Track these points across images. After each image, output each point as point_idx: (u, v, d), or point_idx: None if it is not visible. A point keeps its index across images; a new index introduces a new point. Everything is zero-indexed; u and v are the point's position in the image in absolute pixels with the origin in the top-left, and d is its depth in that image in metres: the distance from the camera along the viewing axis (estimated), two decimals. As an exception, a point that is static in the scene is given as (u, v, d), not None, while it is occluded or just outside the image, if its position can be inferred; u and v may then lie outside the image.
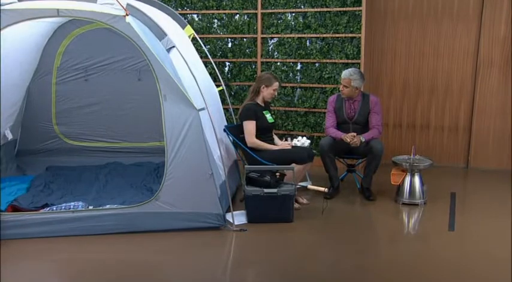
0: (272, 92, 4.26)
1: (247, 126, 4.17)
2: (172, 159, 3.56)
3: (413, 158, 4.46)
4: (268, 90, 4.24)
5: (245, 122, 4.17)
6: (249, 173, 3.98)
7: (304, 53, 5.53)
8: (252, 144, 4.15)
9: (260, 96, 4.28)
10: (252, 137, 4.16)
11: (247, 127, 4.17)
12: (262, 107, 4.31)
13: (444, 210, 4.27)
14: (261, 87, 4.23)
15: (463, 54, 5.56)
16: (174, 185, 3.59)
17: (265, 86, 4.23)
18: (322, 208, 4.11)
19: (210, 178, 3.60)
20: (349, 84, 4.50)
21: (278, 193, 3.83)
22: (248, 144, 4.16)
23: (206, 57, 5.13)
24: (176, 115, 3.53)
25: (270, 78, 4.24)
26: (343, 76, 4.52)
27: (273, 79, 4.24)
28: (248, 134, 4.16)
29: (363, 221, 4.07)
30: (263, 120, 4.25)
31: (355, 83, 4.49)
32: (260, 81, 4.24)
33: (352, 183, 4.95)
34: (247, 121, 4.17)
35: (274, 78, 4.28)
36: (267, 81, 4.23)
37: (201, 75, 4.25)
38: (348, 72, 4.53)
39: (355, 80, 4.49)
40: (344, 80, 4.52)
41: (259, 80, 4.27)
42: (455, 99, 5.67)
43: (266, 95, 4.27)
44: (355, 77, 4.49)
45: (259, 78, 4.27)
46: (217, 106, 4.59)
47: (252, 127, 4.16)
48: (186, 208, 3.64)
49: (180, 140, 3.54)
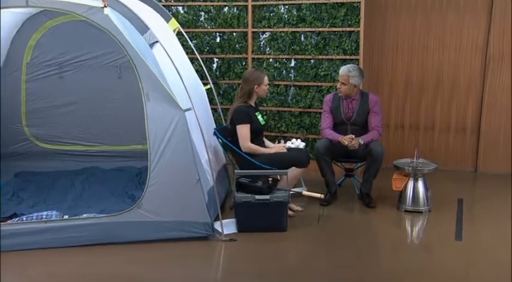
0: (265, 88, 4.33)
1: (242, 130, 4.20)
2: (156, 163, 3.59)
3: (416, 162, 4.52)
4: (261, 88, 4.30)
5: (239, 126, 4.21)
6: (239, 178, 4.02)
7: (299, 49, 5.59)
8: (246, 150, 4.20)
9: (254, 97, 4.32)
10: (247, 141, 4.20)
11: (242, 131, 4.20)
12: (254, 108, 4.37)
13: (450, 218, 4.32)
14: (254, 88, 4.27)
15: (471, 48, 5.62)
16: (158, 192, 3.63)
17: (257, 85, 4.27)
18: (318, 216, 4.16)
19: (197, 184, 3.63)
20: (347, 82, 4.56)
21: (271, 200, 3.88)
22: (243, 149, 4.20)
23: (192, 53, 5.18)
24: (160, 116, 3.57)
25: (259, 75, 4.29)
26: (341, 72, 4.59)
27: (261, 75, 4.29)
28: (243, 138, 4.20)
29: (362, 230, 4.13)
30: (256, 123, 4.30)
31: (354, 80, 4.55)
32: (250, 82, 4.27)
33: (351, 188, 5.00)
34: (241, 125, 4.20)
35: (261, 72, 4.34)
36: (257, 80, 4.27)
37: (186, 73, 4.29)
38: (346, 68, 4.59)
39: (354, 77, 4.55)
40: (342, 76, 4.58)
41: (248, 81, 4.28)
42: (462, 97, 5.74)
43: (262, 93, 4.33)
44: (354, 74, 4.55)
45: (248, 79, 4.29)
46: (204, 106, 4.64)
47: (246, 131, 4.20)
48: (170, 217, 3.67)
49: (164, 143, 3.58)
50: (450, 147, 5.86)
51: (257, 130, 4.30)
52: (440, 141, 5.88)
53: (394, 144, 5.96)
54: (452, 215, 4.39)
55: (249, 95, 4.28)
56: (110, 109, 5.28)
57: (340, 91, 4.61)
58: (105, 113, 5.29)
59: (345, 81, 4.56)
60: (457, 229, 4.06)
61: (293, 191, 4.27)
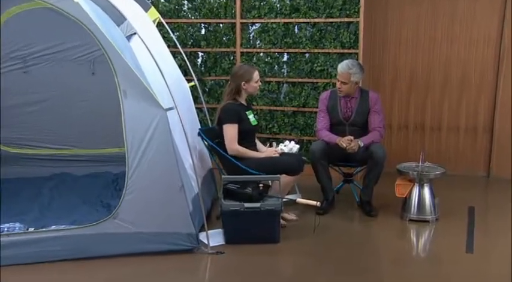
0: (255, 84, 4.33)
1: (228, 130, 4.21)
2: (135, 168, 3.60)
3: (422, 166, 4.56)
4: (250, 84, 4.30)
5: (225, 125, 4.22)
6: (226, 184, 4.04)
7: (292, 42, 5.63)
8: (233, 152, 4.21)
9: (243, 94, 4.35)
10: (234, 143, 4.21)
11: (228, 132, 4.21)
12: (245, 106, 4.39)
13: (460, 228, 4.35)
14: (241, 85, 4.29)
15: (482, 40, 5.66)
16: (137, 200, 3.63)
17: (245, 82, 4.28)
18: (313, 226, 4.17)
19: (180, 191, 3.65)
20: (348, 80, 4.58)
21: (261, 208, 3.90)
22: (229, 151, 4.21)
23: (175, 47, 5.19)
24: (139, 116, 3.58)
25: (247, 70, 4.30)
26: (341, 70, 4.59)
27: (250, 70, 4.30)
28: (229, 139, 4.21)
29: (363, 241, 4.16)
30: (246, 123, 4.32)
31: (355, 78, 4.58)
32: (238, 78, 4.29)
33: (350, 195, 5.02)
34: (228, 124, 4.21)
35: (251, 67, 4.35)
36: (245, 75, 4.28)
37: (168, 68, 4.31)
38: (345, 65, 4.60)
39: (355, 74, 4.57)
40: (342, 74, 4.59)
41: (235, 77, 4.30)
42: (473, 94, 5.79)
43: (251, 90, 4.34)
44: (355, 70, 4.57)
45: (235, 74, 4.32)
46: (188, 105, 4.66)
47: (233, 132, 4.21)
48: (151, 227, 3.68)
49: (143, 146, 3.59)
50: (460, 150, 5.91)
51: (247, 131, 4.32)
52: (449, 143, 5.93)
53: (397, 146, 6.00)
54: (462, 225, 4.42)
55: (237, 92, 4.30)
56: (82, 108, 5.27)
57: (341, 91, 4.64)
58: (77, 112, 5.28)
59: (346, 79, 4.58)
60: (467, 241, 4.09)
61: (286, 198, 4.29)
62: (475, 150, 5.90)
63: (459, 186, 5.49)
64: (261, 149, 4.49)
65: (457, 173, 5.72)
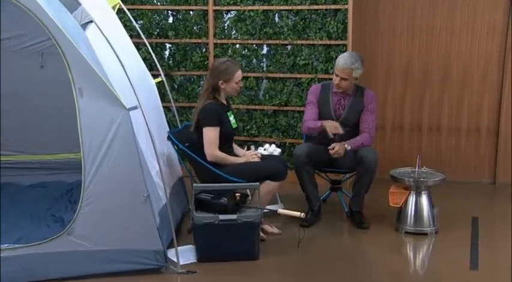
0: (235, 85, 4.33)
1: (209, 134, 4.22)
2: (92, 177, 3.59)
3: (419, 171, 4.62)
4: (230, 85, 4.30)
5: (206, 128, 4.22)
6: (199, 194, 4.05)
7: (272, 32, 5.66)
8: (213, 158, 4.23)
9: (222, 94, 4.35)
10: (214, 148, 4.23)
11: (209, 136, 4.22)
12: (226, 106, 4.40)
13: (463, 241, 4.39)
14: (219, 84, 4.29)
15: (486, 31, 5.73)
16: (95, 213, 3.61)
17: (223, 81, 4.28)
18: (297, 240, 4.16)
19: (145, 202, 3.64)
20: (349, 76, 4.60)
21: (238, 220, 3.92)
22: (208, 157, 4.23)
23: (138, 37, 5.18)
24: (97, 116, 3.57)
25: (229, 68, 4.29)
26: (343, 65, 4.58)
27: (232, 69, 4.30)
28: (209, 144, 4.22)
29: (353, 257, 4.19)
30: (227, 126, 4.34)
31: (357, 73, 4.62)
32: (216, 75, 4.29)
33: (338, 205, 5.04)
34: (209, 127, 4.22)
35: (234, 65, 4.34)
36: (225, 74, 4.27)
37: (131, 62, 4.30)
38: (348, 59, 4.60)
39: (358, 70, 4.60)
40: (343, 70, 4.59)
41: (214, 74, 4.31)
42: (476, 91, 5.85)
43: (230, 91, 4.35)
44: (358, 66, 4.60)
45: (214, 71, 4.33)
46: (154, 104, 4.67)
47: (214, 135, 4.22)
48: (111, 244, 3.66)
49: (102, 151, 3.58)
50: (461, 153, 5.98)
51: (227, 135, 4.34)
52: (449, 145, 5.99)
53: (391, 149, 6.05)
54: (465, 237, 4.47)
55: (214, 90, 4.31)
56: (30, 107, 5.20)
57: (340, 87, 4.67)
58: (24, 113, 5.21)
59: (347, 75, 4.60)
60: (471, 256, 4.13)
61: (266, 209, 4.31)
62: (478, 154, 5.96)
63: (461, 194, 5.55)
64: (239, 153, 4.51)
65: (458, 180, 5.76)
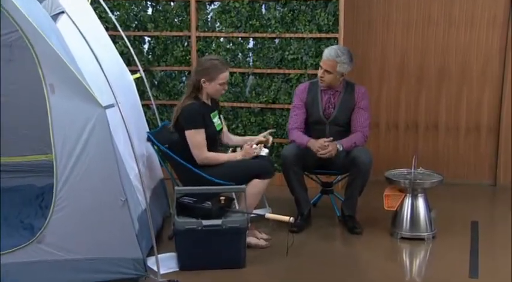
0: (218, 87, 4.30)
1: (195, 138, 4.22)
2: (65, 180, 3.56)
3: (415, 173, 4.62)
4: (211, 85, 4.27)
5: (190, 131, 4.21)
6: (181, 198, 4.05)
7: (259, 24, 5.66)
8: (204, 161, 4.23)
9: (203, 93, 4.33)
10: (203, 151, 4.23)
11: (195, 139, 4.22)
12: (209, 107, 4.38)
13: (462, 247, 4.41)
14: (201, 82, 4.27)
15: (486, 22, 5.75)
16: (68, 219, 3.59)
17: (206, 80, 4.25)
18: (286, 246, 4.17)
19: (123, 207, 3.62)
20: (333, 69, 4.61)
21: (223, 226, 3.91)
22: (199, 162, 4.23)
23: (115, 29, 5.17)
24: (71, 115, 3.54)
25: (215, 67, 4.26)
26: (327, 56, 4.60)
27: (219, 68, 4.26)
28: (197, 147, 4.23)
29: (345, 264, 4.19)
30: (211, 128, 4.33)
31: (342, 68, 4.62)
32: (199, 73, 4.27)
33: (329, 209, 5.05)
34: (192, 130, 4.21)
35: (222, 64, 4.30)
36: (209, 72, 4.24)
37: (107, 56, 4.29)
38: (333, 51, 4.62)
39: (343, 64, 4.61)
40: (327, 62, 4.60)
41: (197, 71, 4.30)
42: (475, 87, 5.88)
43: (212, 92, 4.32)
44: (344, 59, 4.60)
45: (198, 67, 4.32)
46: (133, 102, 4.66)
47: (201, 138, 4.22)
48: (86, 253, 3.65)
49: (77, 152, 3.55)
50: (460, 153, 6.01)
51: (212, 136, 4.34)
52: (447, 145, 6.02)
53: (386, 149, 6.08)
54: (464, 243, 4.48)
55: (196, 89, 4.29)
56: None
57: (323, 81, 4.68)
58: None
59: (331, 68, 4.61)
60: (471, 263, 4.14)
61: (253, 213, 4.31)
62: (478, 154, 5.99)
63: (460, 196, 5.58)
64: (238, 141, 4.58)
65: (457, 181, 5.81)
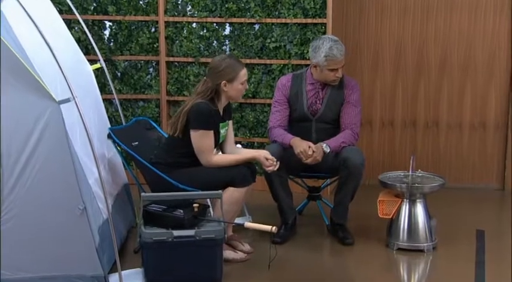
0: (240, 87, 4.30)
1: (203, 139, 4.21)
2: (13, 187, 3.55)
3: (413, 175, 4.63)
4: (233, 86, 4.26)
5: (198, 132, 4.19)
6: (148, 205, 4.02)
7: (236, 8, 5.64)
8: (212, 164, 4.23)
9: (222, 98, 4.32)
10: (210, 155, 4.25)
11: (203, 142, 4.22)
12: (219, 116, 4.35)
13: (466, 258, 4.43)
14: (221, 85, 4.24)
15: (492, 8, 5.78)
16: (17, 232, 3.58)
17: (226, 82, 4.23)
18: (268, 259, 4.14)
19: (81, 216, 3.61)
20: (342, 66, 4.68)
21: (197, 237, 3.89)
22: (206, 165, 4.24)
23: (70, 13, 5.12)
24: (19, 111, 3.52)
25: (231, 66, 4.25)
26: (340, 54, 4.59)
27: (236, 66, 4.27)
28: (205, 151, 4.23)
29: (335, 279, 4.19)
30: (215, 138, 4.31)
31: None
32: (216, 77, 4.24)
33: (317, 217, 5.06)
34: (201, 131, 4.20)
35: (238, 63, 4.33)
36: (227, 73, 4.23)
37: (61, 44, 4.25)
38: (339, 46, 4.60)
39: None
40: (342, 60, 4.63)
41: (213, 75, 4.26)
42: (480, 80, 5.91)
43: (233, 94, 4.32)
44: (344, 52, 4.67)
45: (214, 70, 4.27)
46: (92, 96, 4.62)
47: (210, 141, 4.24)
48: (37, 271, 3.64)
49: (25, 155, 3.54)
50: (464, 154, 6.03)
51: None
52: (449, 144, 6.04)
53: (380, 150, 6.10)
54: (468, 255, 4.50)
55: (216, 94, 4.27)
56: None
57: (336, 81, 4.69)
58: None
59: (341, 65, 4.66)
60: (476, 276, 4.15)
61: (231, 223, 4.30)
62: (484, 154, 6.02)
63: (464, 202, 5.61)
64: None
65: (460, 185, 5.85)
